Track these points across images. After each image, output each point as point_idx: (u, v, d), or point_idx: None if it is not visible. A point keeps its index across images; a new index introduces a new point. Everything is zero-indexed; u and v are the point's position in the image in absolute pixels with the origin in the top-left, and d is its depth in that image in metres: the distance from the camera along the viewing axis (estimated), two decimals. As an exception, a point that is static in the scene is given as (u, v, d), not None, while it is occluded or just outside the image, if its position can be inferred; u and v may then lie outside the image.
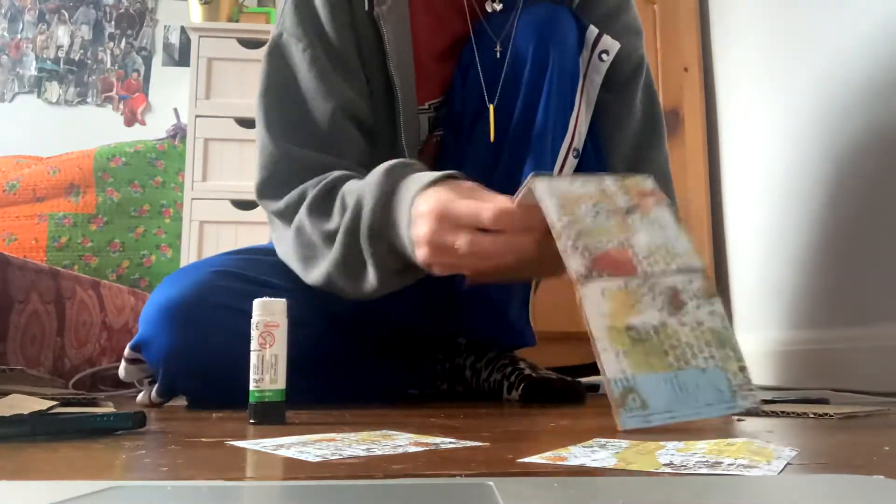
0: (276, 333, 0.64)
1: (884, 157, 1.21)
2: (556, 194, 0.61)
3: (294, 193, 0.86)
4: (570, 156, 0.92)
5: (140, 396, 0.92)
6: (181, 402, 0.94)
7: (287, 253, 0.88)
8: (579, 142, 0.92)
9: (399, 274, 0.79)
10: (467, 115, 0.96)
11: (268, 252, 0.99)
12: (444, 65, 0.98)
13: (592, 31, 0.92)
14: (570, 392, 0.95)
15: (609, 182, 0.63)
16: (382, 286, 0.80)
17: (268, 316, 0.64)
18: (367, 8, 0.90)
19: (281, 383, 0.64)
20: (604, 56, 0.91)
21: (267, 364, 0.63)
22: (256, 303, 0.65)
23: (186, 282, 0.87)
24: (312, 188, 0.84)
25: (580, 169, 0.93)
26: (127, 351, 0.90)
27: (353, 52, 0.92)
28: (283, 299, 0.67)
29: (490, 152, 0.93)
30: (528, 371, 0.99)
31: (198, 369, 0.84)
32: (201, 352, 0.83)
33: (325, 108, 0.89)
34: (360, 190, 0.79)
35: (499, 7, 0.96)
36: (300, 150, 0.88)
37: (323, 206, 0.83)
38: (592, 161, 0.96)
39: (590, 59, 0.92)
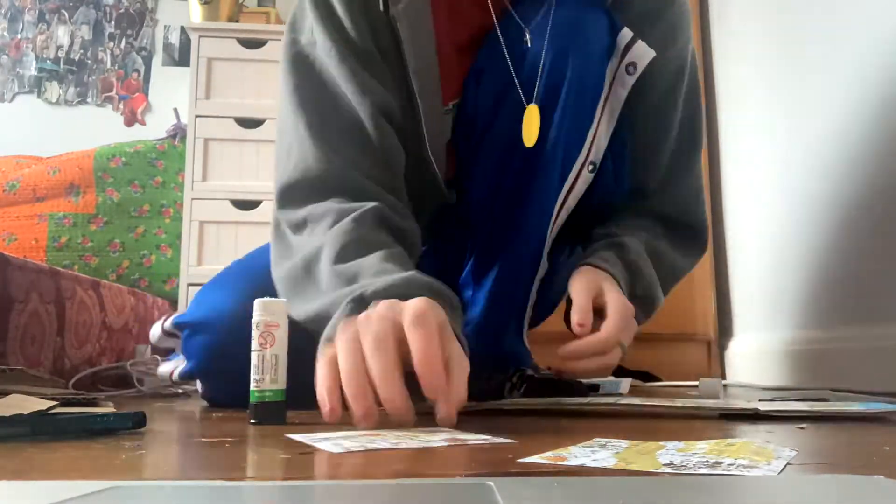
0: (277, 333, 0.64)
1: (884, 157, 1.21)
2: None
3: (323, 207, 0.78)
4: (586, 170, 0.87)
5: (163, 367, 0.92)
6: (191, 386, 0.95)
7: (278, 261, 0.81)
8: (597, 156, 0.87)
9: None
10: (479, 119, 0.91)
11: None
12: (463, 62, 0.92)
13: (625, 36, 0.84)
14: (572, 392, 0.95)
15: None
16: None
17: (268, 316, 0.64)
18: (381, 8, 0.83)
19: (281, 383, 0.64)
20: (630, 69, 0.84)
21: (267, 364, 0.63)
22: (257, 303, 0.65)
23: (247, 292, 0.77)
24: (339, 219, 0.75)
25: (596, 183, 0.88)
26: (169, 323, 0.90)
27: (376, 51, 0.86)
28: (283, 300, 0.67)
29: (496, 161, 0.89)
30: (529, 371, 0.99)
31: (229, 375, 0.83)
32: (238, 362, 0.82)
33: (363, 107, 0.82)
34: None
35: None
36: (344, 161, 0.81)
37: (344, 251, 0.73)
38: (610, 175, 0.91)
39: (617, 68, 0.85)
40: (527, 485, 0.33)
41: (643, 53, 0.83)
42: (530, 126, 0.82)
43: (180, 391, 1.14)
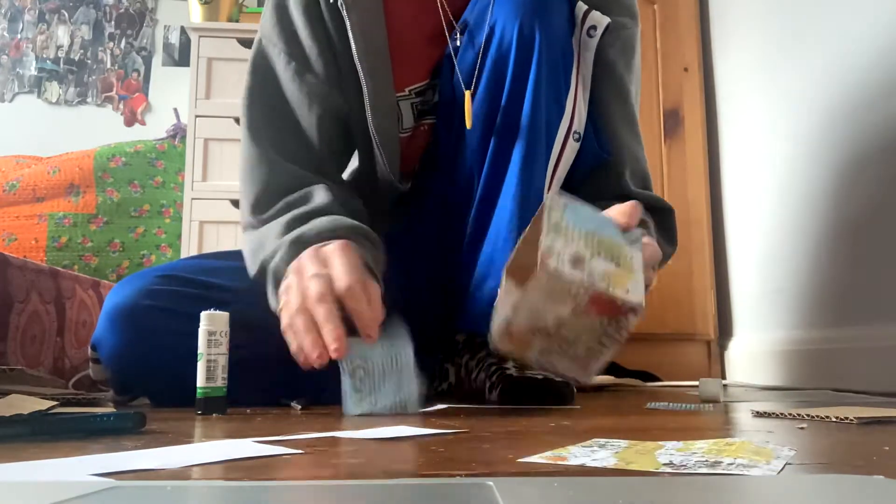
0: (221, 340, 0.76)
1: (884, 157, 1.21)
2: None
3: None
4: (571, 139, 0.89)
5: (108, 394, 0.95)
6: (145, 401, 0.96)
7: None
8: (580, 125, 0.89)
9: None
10: (455, 103, 0.94)
11: (225, 256, 1.02)
12: (427, 48, 0.97)
13: (581, 7, 0.90)
14: (554, 393, 0.88)
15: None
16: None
17: (212, 326, 0.76)
18: (331, 0, 0.93)
19: (222, 382, 0.76)
20: (591, 32, 0.89)
21: (212, 366, 0.75)
22: (203, 315, 0.76)
23: (132, 286, 0.91)
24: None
25: (582, 152, 0.91)
26: (89, 350, 0.93)
27: (328, 50, 0.95)
28: (227, 313, 0.76)
29: (478, 140, 0.91)
30: (510, 370, 0.92)
31: (143, 370, 0.88)
32: (144, 353, 0.87)
33: (310, 115, 0.95)
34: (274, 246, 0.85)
35: None
36: (290, 165, 0.94)
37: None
38: (593, 143, 0.93)
39: (580, 37, 0.90)
40: (527, 485, 0.33)
41: (599, 19, 0.89)
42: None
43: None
